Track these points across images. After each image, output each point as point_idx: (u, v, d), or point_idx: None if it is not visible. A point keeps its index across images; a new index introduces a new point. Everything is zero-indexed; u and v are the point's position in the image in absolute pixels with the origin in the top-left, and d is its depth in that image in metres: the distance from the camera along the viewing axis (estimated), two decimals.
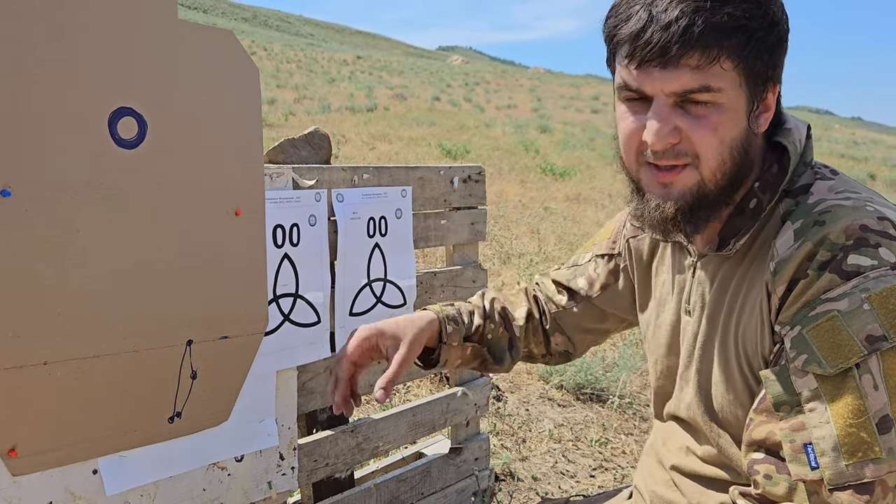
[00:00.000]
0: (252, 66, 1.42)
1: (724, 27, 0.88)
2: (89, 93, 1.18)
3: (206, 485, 1.44)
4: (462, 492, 2.05)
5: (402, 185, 1.81)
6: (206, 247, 1.35)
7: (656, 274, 1.23)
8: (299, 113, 17.54)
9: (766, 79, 0.95)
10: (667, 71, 0.91)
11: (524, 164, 11.81)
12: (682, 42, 0.88)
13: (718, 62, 0.90)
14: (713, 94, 0.91)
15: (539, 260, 5.60)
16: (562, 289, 1.39)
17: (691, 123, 0.93)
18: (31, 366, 1.15)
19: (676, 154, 0.95)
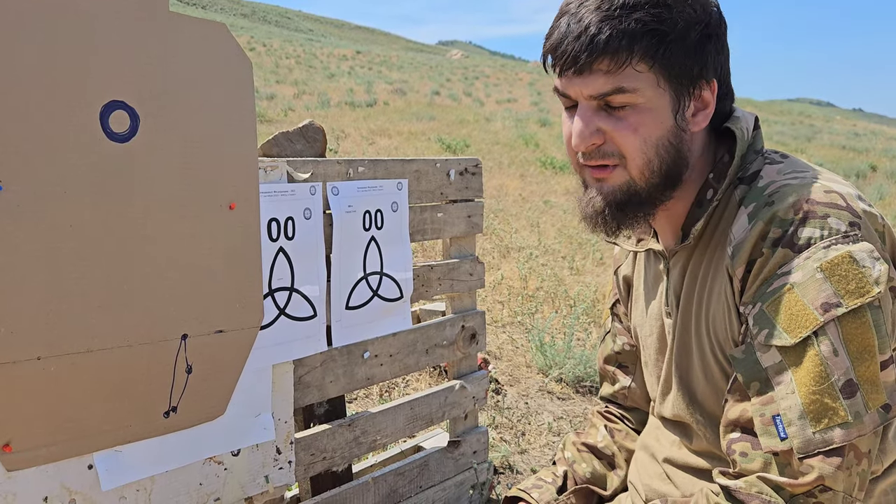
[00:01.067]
0: (245, 58, 1.41)
1: (632, 32, 0.93)
2: (80, 86, 1.17)
3: (202, 479, 1.44)
4: (460, 485, 2.04)
5: (398, 178, 1.81)
6: (201, 240, 1.35)
7: (637, 288, 1.26)
8: (299, 108, 17.52)
9: (692, 77, 0.98)
10: (582, 77, 0.97)
11: (524, 157, 11.80)
12: (589, 50, 0.94)
13: (630, 65, 0.95)
14: (628, 95, 0.96)
15: (539, 253, 5.59)
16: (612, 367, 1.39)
17: (614, 125, 0.98)
18: (25, 361, 1.15)
19: (603, 154, 1.01)
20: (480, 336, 2.08)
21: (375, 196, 1.75)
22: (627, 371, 1.38)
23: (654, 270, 1.19)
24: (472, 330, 2.05)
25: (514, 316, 4.21)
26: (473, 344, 2.06)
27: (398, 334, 1.83)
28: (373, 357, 1.77)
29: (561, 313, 4.26)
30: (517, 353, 3.59)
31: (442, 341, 1.96)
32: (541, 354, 3.30)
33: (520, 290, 4.64)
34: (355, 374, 1.74)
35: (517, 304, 4.37)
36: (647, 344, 1.22)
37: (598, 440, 1.38)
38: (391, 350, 1.82)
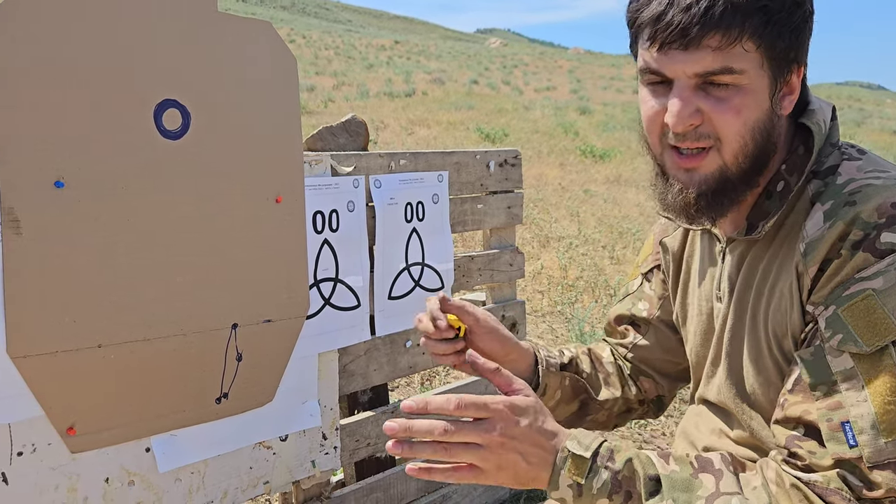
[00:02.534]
0: (290, 55, 1.45)
1: (745, 8, 0.88)
2: (136, 86, 1.23)
3: (252, 463, 1.49)
4: None
5: (439, 170, 1.83)
6: (249, 233, 1.40)
7: (688, 265, 1.23)
8: (338, 99, 17.66)
9: (789, 60, 0.94)
10: (688, 52, 0.91)
11: (563, 146, 11.73)
12: (702, 23, 0.88)
13: (740, 43, 0.89)
14: (735, 75, 0.91)
15: (579, 243, 5.58)
16: (624, 324, 1.36)
17: (713, 105, 0.93)
18: (87, 349, 1.21)
19: (698, 136, 0.95)
20: (521, 325, 2.10)
21: (417, 188, 1.78)
22: (639, 331, 1.34)
23: (709, 252, 1.16)
24: (513, 319, 2.07)
25: (553, 305, 4.22)
26: (514, 333, 2.08)
27: None
28: (415, 346, 1.81)
29: (601, 303, 4.25)
30: (557, 342, 3.60)
31: None
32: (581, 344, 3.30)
33: (559, 280, 4.64)
34: (398, 363, 1.78)
35: (557, 294, 4.38)
36: (694, 323, 1.20)
37: (603, 355, 1.35)
38: None
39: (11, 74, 1.09)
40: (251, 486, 1.49)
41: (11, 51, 1.09)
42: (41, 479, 1.20)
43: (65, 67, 1.15)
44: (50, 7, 1.12)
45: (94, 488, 1.26)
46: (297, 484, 1.59)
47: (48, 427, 1.20)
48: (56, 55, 1.13)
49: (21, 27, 1.10)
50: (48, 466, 1.21)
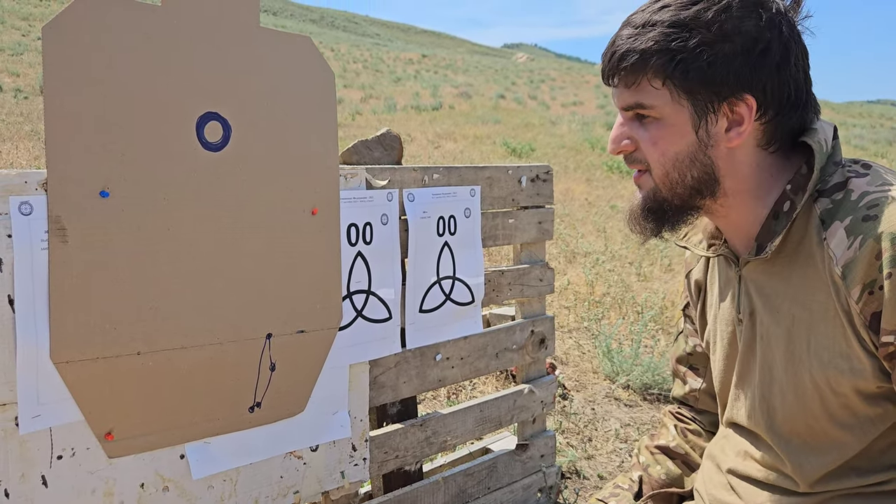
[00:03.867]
0: (328, 69, 1.48)
1: (644, 50, 0.99)
2: (180, 98, 1.25)
3: (283, 472, 1.50)
4: (528, 488, 2.07)
5: (471, 185, 1.85)
6: (285, 244, 1.42)
7: (709, 292, 1.26)
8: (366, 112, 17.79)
9: (716, 94, 1.00)
10: (616, 89, 1.06)
11: (590, 161, 11.70)
12: (611, 66, 1.04)
13: (646, 80, 1.01)
14: (648, 109, 1.03)
15: (606, 259, 5.56)
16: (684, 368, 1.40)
17: (641, 135, 1.05)
18: (126, 356, 1.23)
19: (633, 160, 1.08)
20: (549, 341, 2.10)
21: (449, 202, 1.79)
22: (698, 373, 1.38)
23: (726, 275, 1.19)
24: (542, 335, 2.07)
25: (580, 321, 4.20)
26: (542, 349, 2.08)
27: (469, 338, 1.87)
28: (444, 359, 1.81)
29: (628, 319, 4.22)
30: (584, 358, 3.58)
31: (511, 345, 1.99)
32: (608, 361, 3.29)
33: (586, 296, 4.63)
34: (427, 376, 1.78)
35: (583, 310, 4.36)
36: (718, 349, 1.22)
37: (670, 440, 1.39)
38: (462, 353, 1.86)
39: (61, 86, 1.13)
40: (281, 494, 1.50)
41: (62, 65, 1.12)
42: (79, 483, 1.22)
43: (112, 81, 1.18)
44: (99, 23, 1.15)
45: (130, 493, 1.28)
46: (326, 494, 1.60)
47: (87, 432, 1.22)
48: (104, 69, 1.17)
49: (71, 42, 1.13)
50: (86, 470, 1.23)
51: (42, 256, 1.14)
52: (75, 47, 1.13)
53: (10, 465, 1.15)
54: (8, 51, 25.22)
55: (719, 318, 1.20)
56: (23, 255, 1.12)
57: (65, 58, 1.13)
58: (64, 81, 1.13)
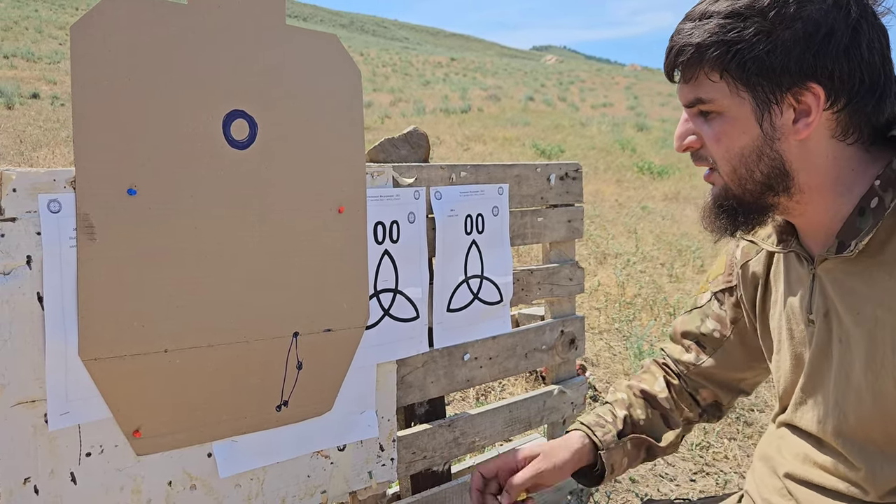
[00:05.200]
0: (354, 68, 1.47)
1: (700, 43, 0.97)
2: (206, 97, 1.25)
3: (310, 472, 1.49)
4: (559, 490, 2.04)
5: (499, 183, 1.83)
6: (312, 242, 1.41)
7: (773, 288, 1.18)
8: (395, 115, 17.85)
9: (780, 84, 0.95)
10: (677, 86, 1.05)
11: (620, 162, 11.60)
12: (670, 62, 1.02)
13: (703, 75, 0.98)
14: (708, 104, 1.00)
15: (637, 260, 5.49)
16: (690, 342, 1.36)
17: (705, 132, 1.02)
18: (154, 353, 1.23)
19: (699, 157, 1.06)
20: (580, 341, 2.07)
21: (477, 200, 1.77)
22: (704, 351, 1.33)
23: (796, 273, 1.12)
24: (572, 335, 2.04)
25: (611, 323, 4.15)
26: (573, 349, 2.05)
27: (498, 337, 1.85)
28: (473, 359, 1.80)
29: (660, 321, 4.16)
30: (614, 360, 3.53)
31: (541, 346, 1.96)
32: (639, 363, 3.24)
33: (617, 297, 4.57)
34: (455, 376, 1.76)
35: (614, 311, 4.31)
36: (784, 348, 1.16)
37: (657, 390, 1.35)
38: (491, 353, 1.84)
39: (89, 84, 1.13)
40: (308, 494, 1.50)
41: (89, 64, 1.13)
42: (107, 480, 1.23)
43: (140, 78, 1.18)
44: (126, 21, 1.16)
45: (158, 491, 1.28)
46: (353, 494, 1.59)
47: (116, 429, 1.22)
48: (131, 67, 1.17)
49: (98, 41, 1.13)
50: (114, 468, 1.23)
51: (70, 254, 1.14)
52: (102, 46, 1.14)
53: (39, 462, 1.15)
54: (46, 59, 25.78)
55: (785, 317, 1.14)
56: (52, 252, 1.13)
57: (92, 56, 1.13)
58: (91, 80, 1.13)
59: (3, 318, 1.09)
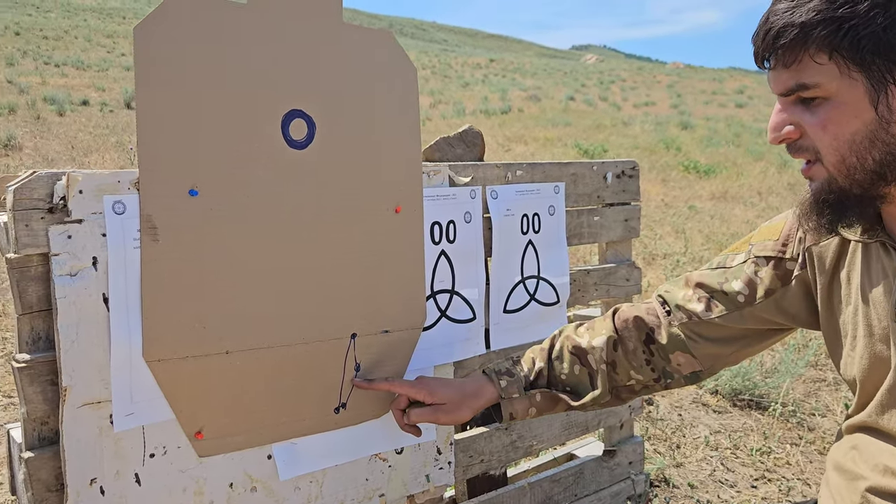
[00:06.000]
0: (410, 65, 1.45)
1: (804, 23, 0.89)
2: (265, 96, 1.25)
3: (368, 475, 1.48)
4: (616, 495, 1.99)
5: (555, 182, 1.79)
6: (369, 243, 1.39)
7: (848, 280, 1.11)
8: (435, 118, 17.86)
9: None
10: (773, 72, 0.96)
11: (665, 162, 11.41)
12: (765, 47, 0.94)
13: (808, 57, 0.91)
14: (812, 89, 0.92)
15: (686, 260, 5.38)
16: (703, 295, 1.26)
17: (806, 120, 0.95)
18: (216, 355, 1.23)
19: (798, 149, 0.98)
20: None
21: (533, 199, 1.74)
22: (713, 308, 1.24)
23: (881, 265, 1.05)
24: None
25: None
26: None
27: None
28: None
29: None
30: None
31: None
32: None
33: None
34: None
35: None
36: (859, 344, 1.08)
37: (591, 346, 1.32)
38: None
39: (152, 86, 1.13)
40: (367, 497, 1.48)
41: (152, 65, 1.13)
42: (170, 481, 1.23)
43: (201, 79, 1.18)
44: (188, 23, 1.15)
45: (220, 492, 1.28)
46: (411, 498, 1.57)
47: (178, 431, 1.22)
48: (193, 68, 1.17)
49: (161, 42, 1.13)
50: (177, 469, 1.23)
51: (134, 255, 1.14)
52: (165, 47, 1.14)
53: (104, 463, 1.15)
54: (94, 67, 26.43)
55: (863, 312, 1.08)
56: (116, 253, 1.13)
57: (155, 58, 1.13)
58: (154, 81, 1.13)
59: (71, 320, 1.10)
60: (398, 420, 1.38)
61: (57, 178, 1.09)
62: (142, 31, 1.12)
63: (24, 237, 1.06)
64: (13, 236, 1.06)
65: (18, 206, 1.06)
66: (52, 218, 1.08)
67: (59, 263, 1.09)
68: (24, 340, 1.11)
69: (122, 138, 10.58)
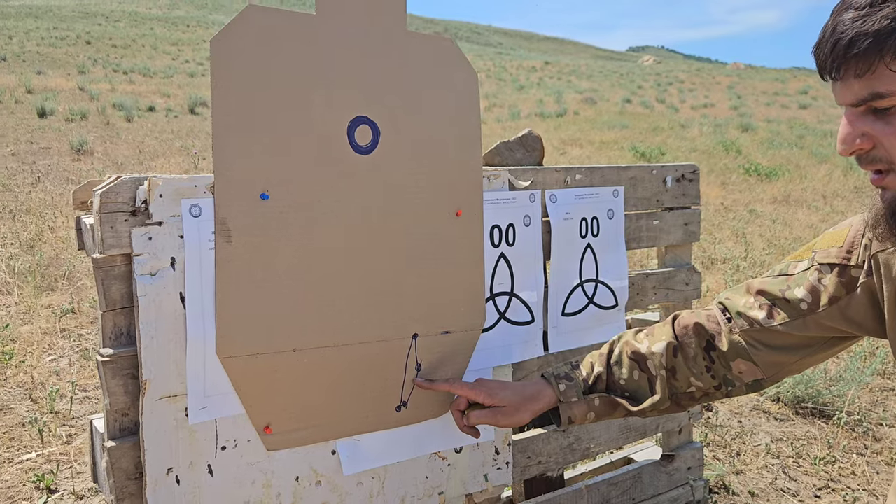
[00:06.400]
0: (471, 71, 1.48)
1: (878, 31, 0.87)
2: (334, 103, 1.29)
3: (428, 473, 1.51)
4: (675, 501, 1.98)
5: (614, 185, 1.79)
6: (431, 245, 1.43)
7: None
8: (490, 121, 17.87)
9: None
10: (838, 83, 0.93)
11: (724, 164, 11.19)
12: (833, 56, 0.91)
13: (883, 65, 0.88)
14: (888, 99, 0.89)
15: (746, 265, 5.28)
16: (765, 302, 1.24)
17: (880, 129, 0.92)
18: (284, 352, 1.28)
19: (871, 160, 0.95)
20: None
21: (592, 203, 1.75)
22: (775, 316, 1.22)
23: None
24: None
25: None
26: None
27: None
28: None
29: None
30: None
31: None
32: None
33: None
34: None
35: None
36: None
37: (651, 352, 1.31)
38: None
39: (227, 94, 1.19)
40: (427, 495, 1.51)
41: (228, 74, 1.18)
42: (241, 474, 1.28)
43: (273, 87, 1.23)
44: (262, 33, 1.21)
45: (286, 486, 1.33)
46: (469, 497, 1.59)
47: (248, 425, 1.27)
48: (266, 76, 1.22)
49: (237, 52, 1.19)
50: (247, 462, 1.28)
51: (210, 256, 1.20)
52: (240, 57, 1.19)
53: (180, 454, 1.21)
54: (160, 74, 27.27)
55: None
56: (192, 254, 1.19)
57: (231, 67, 1.19)
58: (230, 90, 1.19)
59: (150, 317, 1.16)
60: (457, 421, 1.40)
61: (139, 182, 1.15)
62: (218, 43, 1.18)
63: (109, 238, 1.13)
64: (99, 237, 1.13)
65: (104, 209, 1.12)
66: (135, 220, 1.14)
67: (140, 263, 1.15)
68: (108, 336, 1.17)
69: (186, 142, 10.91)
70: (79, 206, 1.23)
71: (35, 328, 3.48)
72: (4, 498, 2.13)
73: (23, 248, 4.86)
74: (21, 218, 5.72)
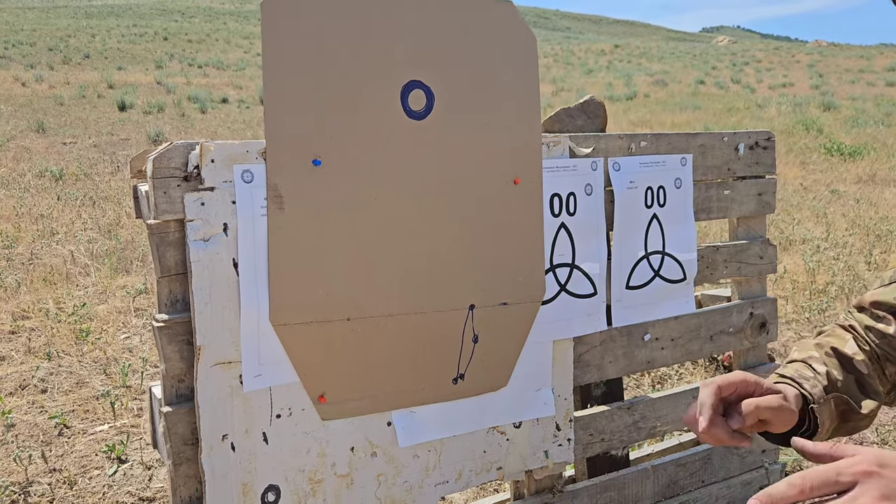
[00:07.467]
0: (530, 34, 1.42)
1: None
2: (386, 67, 1.26)
3: (486, 447, 1.47)
4: (748, 484, 1.89)
5: (682, 153, 1.71)
6: (487, 214, 1.38)
7: None
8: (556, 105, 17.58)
9: None
10: None
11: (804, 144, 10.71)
12: None
13: None
14: None
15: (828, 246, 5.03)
16: (885, 312, 1.15)
17: None
18: (337, 321, 1.26)
19: None
20: (772, 325, 1.90)
21: (658, 172, 1.67)
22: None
23: None
24: (762, 318, 1.88)
25: (800, 312, 3.82)
26: (763, 333, 1.89)
27: (681, 318, 1.74)
28: (653, 340, 1.70)
29: None
30: None
31: (728, 328, 1.82)
32: None
33: (806, 285, 4.21)
34: (635, 356, 1.68)
35: (804, 300, 3.97)
36: None
37: (850, 351, 1.13)
38: (673, 334, 1.73)
39: (278, 59, 1.17)
40: (484, 469, 1.48)
41: (279, 38, 1.17)
42: (296, 442, 1.27)
43: (325, 52, 1.20)
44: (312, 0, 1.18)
45: (341, 455, 1.32)
46: (529, 473, 1.55)
47: (303, 393, 1.26)
48: (318, 41, 1.20)
49: (287, 16, 1.17)
50: (302, 430, 1.27)
51: (262, 222, 1.19)
52: (291, 20, 1.17)
53: (235, 421, 1.21)
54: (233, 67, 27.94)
55: None
56: (245, 220, 1.18)
57: (282, 31, 1.17)
58: (281, 55, 1.17)
59: (204, 282, 1.16)
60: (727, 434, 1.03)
61: (191, 147, 1.15)
62: (269, 7, 1.16)
63: (162, 203, 1.13)
64: (153, 203, 1.13)
65: (157, 174, 1.12)
66: (188, 185, 1.14)
67: (193, 229, 1.15)
68: (163, 302, 1.18)
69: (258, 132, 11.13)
70: (136, 175, 1.24)
71: (111, 307, 3.61)
72: (78, 466, 2.21)
73: (101, 232, 5.05)
74: (101, 205, 5.94)
